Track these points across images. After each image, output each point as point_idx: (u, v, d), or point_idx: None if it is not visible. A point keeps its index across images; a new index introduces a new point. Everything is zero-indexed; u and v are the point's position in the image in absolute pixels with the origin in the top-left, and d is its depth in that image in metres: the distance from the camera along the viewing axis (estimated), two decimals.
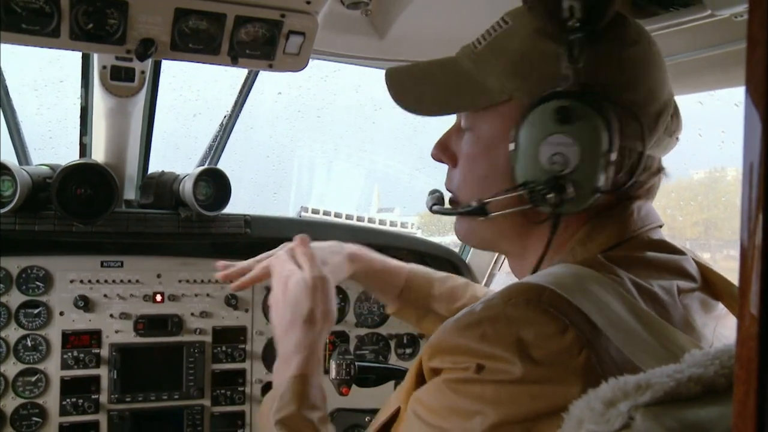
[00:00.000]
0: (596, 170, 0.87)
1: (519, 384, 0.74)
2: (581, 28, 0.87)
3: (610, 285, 0.82)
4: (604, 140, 0.86)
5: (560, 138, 0.88)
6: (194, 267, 2.25)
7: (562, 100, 0.88)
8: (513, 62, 0.96)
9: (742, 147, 0.43)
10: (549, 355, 0.74)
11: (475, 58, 1.01)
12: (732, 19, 1.16)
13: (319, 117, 3.21)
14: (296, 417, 1.15)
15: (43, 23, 1.34)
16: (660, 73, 0.95)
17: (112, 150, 2.01)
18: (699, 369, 0.64)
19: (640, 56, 0.94)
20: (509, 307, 0.78)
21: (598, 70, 0.90)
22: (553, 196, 0.88)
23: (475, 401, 0.77)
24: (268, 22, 1.46)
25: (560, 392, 0.72)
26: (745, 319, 0.43)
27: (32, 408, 2.07)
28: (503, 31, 0.99)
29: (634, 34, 0.95)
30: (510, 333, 0.76)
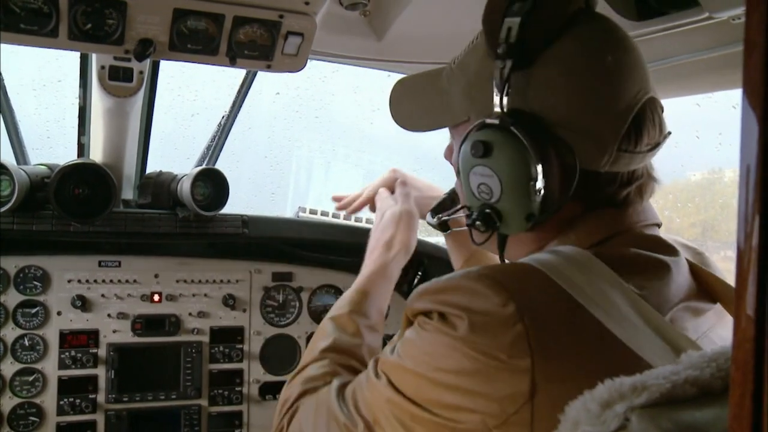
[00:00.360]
0: (522, 198, 0.88)
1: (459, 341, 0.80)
2: (509, 54, 0.87)
3: (608, 272, 0.84)
4: (524, 170, 0.87)
5: (482, 169, 0.91)
6: (192, 267, 2.25)
7: (483, 131, 0.90)
8: (469, 82, 0.98)
9: (739, 149, 0.44)
10: (488, 323, 0.78)
11: (449, 74, 1.04)
12: (729, 21, 1.16)
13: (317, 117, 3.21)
14: (345, 317, 1.28)
15: (41, 23, 1.34)
16: (609, 90, 0.89)
17: (110, 150, 2.01)
18: (695, 371, 0.64)
19: (583, 77, 0.89)
20: (464, 279, 0.83)
21: (533, 95, 0.89)
22: (481, 224, 0.93)
23: (428, 344, 0.84)
24: (266, 22, 1.46)
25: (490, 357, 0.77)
26: (742, 321, 0.43)
27: (29, 408, 2.07)
28: (471, 48, 1.00)
29: (577, 53, 0.89)
30: (461, 301, 0.81)
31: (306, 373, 1.19)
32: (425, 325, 0.86)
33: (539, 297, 0.81)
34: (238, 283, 2.30)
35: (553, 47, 0.88)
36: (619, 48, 0.92)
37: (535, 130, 0.87)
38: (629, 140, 0.90)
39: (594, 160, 0.89)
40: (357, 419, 0.93)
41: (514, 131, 0.86)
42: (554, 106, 0.88)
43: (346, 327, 1.27)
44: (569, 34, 0.89)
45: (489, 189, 0.91)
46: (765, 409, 0.41)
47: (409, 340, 0.89)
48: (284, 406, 1.15)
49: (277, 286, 2.35)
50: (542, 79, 0.89)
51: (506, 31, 0.87)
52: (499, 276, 0.82)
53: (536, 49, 0.88)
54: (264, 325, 2.32)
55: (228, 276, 2.29)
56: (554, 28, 0.88)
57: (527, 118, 0.88)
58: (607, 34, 0.92)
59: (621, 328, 0.78)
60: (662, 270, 0.90)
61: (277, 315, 2.34)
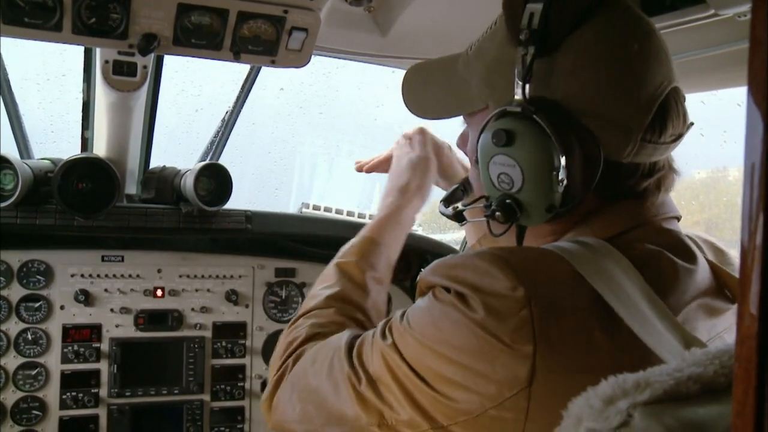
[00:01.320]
0: (544, 189, 0.86)
1: (469, 318, 0.80)
2: (532, 40, 0.85)
3: (625, 263, 0.83)
4: (547, 160, 0.85)
5: (503, 158, 0.88)
6: (195, 262, 2.26)
7: (505, 119, 0.88)
8: (488, 69, 0.95)
9: (744, 147, 0.43)
10: (496, 305, 0.78)
11: (466, 60, 1.01)
12: (735, 18, 1.16)
13: (321, 113, 3.21)
14: (352, 265, 1.27)
15: (45, 17, 1.34)
16: (634, 79, 0.88)
17: (113, 144, 2.02)
18: (699, 368, 0.63)
19: (608, 65, 0.87)
20: (477, 259, 0.82)
21: (556, 83, 0.87)
22: (501, 214, 0.91)
23: (436, 317, 0.84)
24: (270, 18, 1.46)
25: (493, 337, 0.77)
26: (745, 319, 0.43)
27: (32, 401, 2.08)
28: (490, 33, 0.97)
29: (602, 40, 0.87)
30: (473, 279, 0.81)
31: (313, 319, 1.18)
32: (441, 297, 0.85)
33: (552, 284, 0.80)
34: (241, 279, 2.30)
35: (577, 34, 0.86)
36: (644, 36, 0.89)
37: (558, 119, 0.85)
38: (653, 131, 0.88)
39: (617, 150, 0.87)
40: (361, 374, 0.92)
41: (537, 119, 0.84)
42: (578, 95, 0.86)
43: (353, 276, 1.25)
44: (593, 21, 0.86)
45: (510, 179, 0.89)
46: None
47: (420, 308, 0.89)
48: (289, 348, 1.14)
49: (280, 282, 2.35)
50: (565, 67, 0.86)
51: (528, 17, 0.85)
52: (513, 259, 0.81)
53: (559, 35, 0.86)
54: (266, 320, 2.32)
55: (231, 271, 2.29)
56: (578, 15, 0.86)
57: (550, 106, 0.86)
58: (632, 21, 0.90)
59: (636, 322, 0.77)
60: (679, 269, 0.88)
61: (280, 310, 2.35)
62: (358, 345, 0.97)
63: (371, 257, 1.29)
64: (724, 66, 1.38)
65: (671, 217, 0.96)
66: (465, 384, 0.80)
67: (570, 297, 0.80)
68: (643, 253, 0.87)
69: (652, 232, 0.91)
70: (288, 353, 1.13)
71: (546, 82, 0.87)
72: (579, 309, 0.79)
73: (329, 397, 0.97)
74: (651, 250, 0.88)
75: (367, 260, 1.28)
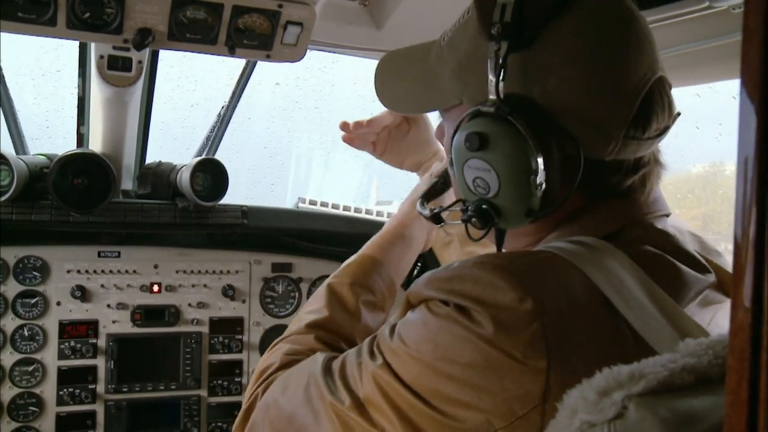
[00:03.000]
0: (521, 194, 0.82)
1: (474, 333, 0.74)
2: (505, 35, 0.79)
3: (625, 259, 0.80)
4: (524, 163, 0.80)
5: (477, 163, 0.83)
6: (191, 257, 2.26)
7: (478, 120, 0.83)
8: (460, 63, 0.90)
9: (737, 140, 0.43)
10: (503, 319, 0.73)
11: (438, 52, 0.95)
12: (730, 11, 1.16)
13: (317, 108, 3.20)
14: (345, 288, 1.18)
15: (39, 12, 1.33)
16: (614, 73, 0.83)
17: (109, 140, 2.01)
18: (693, 359, 0.64)
19: (585, 60, 0.82)
20: (477, 269, 0.77)
21: (532, 80, 0.82)
22: (477, 220, 0.86)
23: (434, 332, 0.79)
24: (265, 12, 1.46)
25: (503, 353, 0.72)
26: (739, 310, 0.43)
27: (29, 398, 2.08)
28: (461, 24, 0.91)
29: (579, 33, 0.82)
30: (474, 291, 0.75)
31: (289, 345, 1.11)
32: (437, 310, 0.79)
33: (561, 292, 0.75)
34: (238, 274, 2.30)
35: (552, 27, 0.81)
36: (624, 25, 0.84)
37: (534, 119, 0.80)
38: (637, 126, 0.83)
39: (599, 149, 0.83)
40: (344, 396, 0.86)
41: (512, 121, 0.79)
42: (555, 92, 0.81)
43: (345, 301, 1.16)
44: (569, 13, 0.81)
45: (486, 183, 0.84)
46: (761, 395, 0.42)
47: (413, 323, 0.83)
48: (261, 376, 1.07)
49: (277, 277, 2.35)
50: (541, 62, 0.81)
51: (500, 9, 0.80)
52: (516, 268, 0.76)
53: (534, 29, 0.80)
54: (263, 315, 2.32)
55: (227, 266, 2.29)
56: (553, 6, 0.80)
57: (526, 105, 0.81)
58: (611, 11, 0.84)
59: (639, 320, 0.75)
60: (681, 273, 0.85)
61: (277, 306, 2.35)
62: (338, 368, 0.91)
63: (369, 279, 1.20)
64: (719, 58, 1.38)
65: (662, 215, 0.92)
66: (470, 402, 0.75)
67: (580, 304, 0.76)
68: (644, 254, 0.84)
69: (646, 232, 0.88)
70: (259, 382, 1.07)
71: (521, 78, 0.82)
72: (590, 316, 0.76)
73: (309, 427, 0.91)
74: (652, 252, 0.85)
75: (364, 282, 1.19)
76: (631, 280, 0.78)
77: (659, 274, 0.82)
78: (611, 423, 0.60)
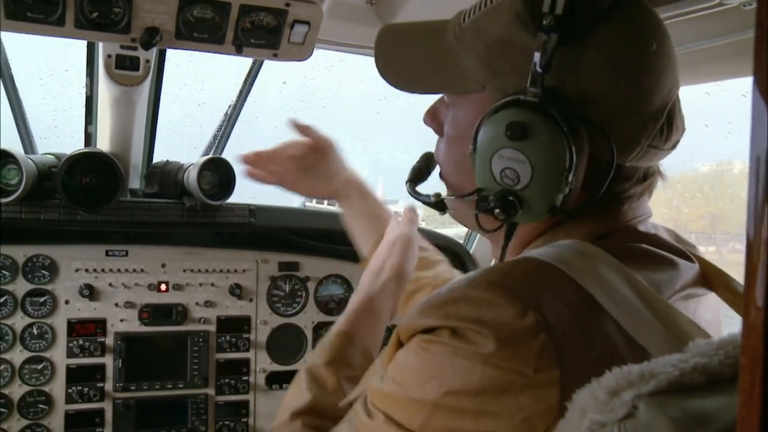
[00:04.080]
0: (551, 190, 0.81)
1: (477, 356, 0.72)
2: (556, 27, 0.78)
3: (613, 262, 0.79)
4: (561, 160, 0.79)
5: (512, 153, 0.81)
6: (199, 256, 2.26)
7: (520, 110, 0.80)
8: (489, 50, 0.87)
9: (749, 139, 0.43)
10: (507, 336, 0.71)
11: (459, 33, 0.92)
12: (741, 8, 1.15)
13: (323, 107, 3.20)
14: (321, 369, 1.14)
15: (48, 12, 1.34)
16: (652, 81, 0.83)
17: (116, 139, 2.02)
18: (703, 359, 0.63)
19: (629, 64, 0.82)
20: (470, 289, 0.75)
21: (571, 76, 0.81)
22: (500, 211, 0.84)
23: (436, 365, 0.75)
24: (272, 11, 1.46)
25: (514, 372, 0.70)
26: (751, 310, 0.43)
27: (39, 395, 2.08)
28: (491, 8, 0.89)
29: (626, 36, 0.82)
30: (471, 313, 0.73)
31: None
32: (430, 345, 0.76)
33: (555, 299, 0.74)
34: (245, 273, 2.30)
35: (601, 27, 0.80)
36: (660, 39, 0.84)
37: (573, 116, 0.79)
38: (661, 136, 0.85)
39: (623, 153, 0.83)
40: None
41: (554, 115, 0.78)
42: (594, 92, 0.81)
43: (324, 382, 1.13)
44: (617, 16, 0.81)
45: (516, 175, 0.81)
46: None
47: (407, 364, 0.79)
48: None
49: (284, 276, 2.35)
50: (585, 61, 0.81)
51: (551, 1, 0.78)
52: (510, 282, 0.74)
53: (585, 25, 0.80)
54: (270, 314, 2.33)
55: (235, 265, 2.29)
56: (603, 6, 0.80)
57: (565, 101, 0.80)
58: (651, 22, 0.85)
59: (631, 323, 0.74)
60: (666, 263, 0.86)
61: (284, 304, 2.35)
62: None
63: (344, 354, 1.17)
64: (729, 56, 1.37)
65: (645, 218, 0.92)
66: (489, 431, 0.72)
67: (575, 311, 0.74)
68: (634, 251, 0.84)
69: (631, 235, 0.88)
70: None
71: (561, 74, 0.81)
72: (585, 322, 0.74)
73: None
74: (635, 247, 0.85)
75: (340, 359, 1.16)
76: (621, 283, 0.77)
77: (655, 266, 0.83)
78: (621, 423, 0.59)
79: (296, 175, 1.56)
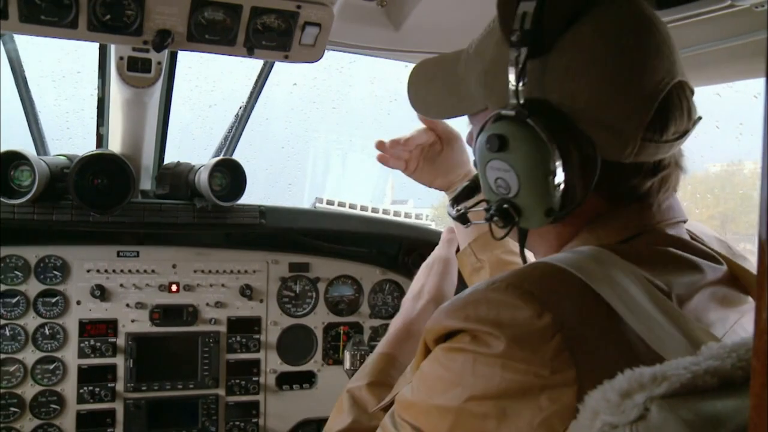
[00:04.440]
0: (540, 194, 0.84)
1: (496, 359, 0.74)
2: (524, 41, 0.82)
3: (629, 269, 0.80)
4: (543, 164, 0.82)
5: (498, 164, 0.86)
6: (209, 257, 2.27)
7: (500, 123, 0.85)
8: (485, 70, 0.93)
9: (762, 139, 0.43)
10: (524, 337, 0.73)
11: (466, 59, 0.99)
12: (752, 9, 1.14)
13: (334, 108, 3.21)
14: (363, 390, 1.17)
15: (61, 15, 1.35)
16: (632, 76, 0.84)
17: (128, 140, 2.03)
18: (716, 361, 0.63)
19: (603, 64, 0.84)
20: (490, 291, 0.77)
21: (551, 84, 0.84)
22: (499, 219, 0.88)
23: (458, 372, 0.77)
24: (284, 13, 1.47)
25: (532, 374, 0.72)
26: (763, 313, 0.43)
27: (50, 395, 2.10)
28: (487, 33, 0.95)
29: (595, 38, 0.84)
30: (489, 314, 0.75)
31: None
32: (451, 353, 0.79)
33: (571, 302, 0.75)
34: (255, 274, 2.31)
35: (570, 33, 0.83)
36: (642, 30, 0.85)
37: (553, 122, 0.82)
38: (654, 129, 0.84)
39: (617, 151, 0.84)
40: None
41: (530, 123, 0.82)
42: (573, 95, 0.83)
43: (365, 404, 1.15)
44: (587, 18, 0.83)
45: (506, 184, 0.86)
46: None
47: (432, 373, 0.82)
48: None
49: (294, 277, 2.36)
50: (559, 67, 0.83)
51: (521, 17, 0.82)
52: (528, 284, 0.76)
53: (553, 34, 0.83)
54: (281, 315, 2.33)
55: (245, 266, 2.30)
56: (571, 12, 0.83)
57: (545, 108, 0.83)
58: (629, 15, 0.86)
59: (645, 329, 0.74)
60: (684, 260, 0.86)
61: (294, 305, 2.36)
62: None
63: (386, 375, 1.20)
64: (741, 57, 1.36)
65: (677, 222, 0.93)
66: None
67: (590, 314, 0.75)
68: (649, 254, 0.85)
69: (658, 238, 0.89)
70: None
71: (540, 83, 0.84)
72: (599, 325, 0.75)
73: None
74: (657, 250, 0.86)
75: (382, 380, 1.19)
76: (635, 289, 0.78)
77: (678, 269, 0.84)
78: (633, 425, 0.59)
79: (420, 162, 1.58)
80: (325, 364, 2.39)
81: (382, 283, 2.46)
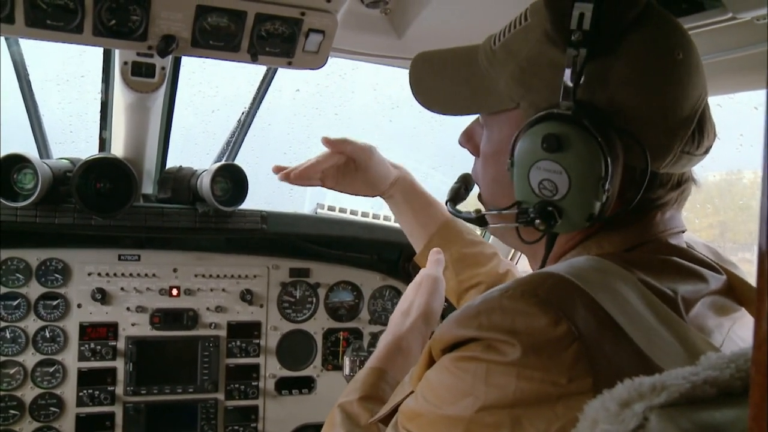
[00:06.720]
0: (588, 199, 0.83)
1: (511, 368, 0.72)
2: (584, 42, 0.81)
3: (630, 279, 0.80)
4: (596, 169, 0.81)
5: (549, 164, 0.84)
6: (210, 262, 2.27)
7: (554, 123, 0.83)
8: (521, 68, 0.90)
9: (762, 150, 0.43)
10: (541, 345, 0.71)
11: (490, 56, 0.96)
12: (753, 22, 1.15)
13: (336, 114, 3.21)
14: (355, 405, 1.15)
15: (67, 19, 1.36)
16: (680, 89, 0.85)
17: (131, 145, 2.04)
18: (715, 372, 0.63)
19: (657, 73, 0.84)
20: (504, 299, 0.76)
21: (601, 88, 0.83)
22: (540, 222, 0.86)
23: (469, 382, 0.75)
24: (288, 20, 1.48)
25: (548, 383, 0.70)
26: (762, 323, 0.43)
27: (50, 398, 2.10)
28: (520, 29, 0.92)
29: (652, 47, 0.84)
30: (504, 322, 0.74)
31: None
32: (461, 362, 0.77)
33: (585, 311, 0.74)
34: (256, 279, 2.31)
35: (628, 39, 0.83)
36: (687, 46, 0.87)
37: (606, 126, 0.81)
38: (693, 142, 0.86)
39: (657, 160, 0.85)
40: None
41: (587, 125, 0.81)
42: (625, 102, 0.83)
43: (357, 418, 1.13)
44: (643, 27, 0.84)
45: (554, 186, 0.84)
46: None
47: (441, 381, 0.80)
48: None
49: (295, 282, 2.36)
50: (615, 72, 0.83)
51: (578, 18, 0.81)
52: (543, 293, 0.75)
53: (612, 38, 0.82)
54: (281, 320, 2.34)
55: (246, 271, 2.30)
56: (630, 19, 0.82)
57: (598, 112, 0.83)
58: (675, 32, 0.87)
59: (645, 339, 0.74)
60: (695, 276, 0.87)
61: (294, 310, 2.36)
62: None
63: (377, 389, 1.18)
64: (742, 69, 1.37)
65: (678, 232, 0.93)
66: None
67: (600, 324, 0.74)
68: (655, 262, 0.85)
69: (659, 246, 0.89)
70: None
71: (592, 86, 0.83)
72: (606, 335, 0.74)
73: None
74: (663, 260, 0.87)
75: (373, 394, 1.17)
76: (635, 299, 0.78)
77: (681, 278, 0.84)
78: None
79: (339, 178, 1.59)
80: (325, 369, 2.39)
81: (382, 289, 2.46)
